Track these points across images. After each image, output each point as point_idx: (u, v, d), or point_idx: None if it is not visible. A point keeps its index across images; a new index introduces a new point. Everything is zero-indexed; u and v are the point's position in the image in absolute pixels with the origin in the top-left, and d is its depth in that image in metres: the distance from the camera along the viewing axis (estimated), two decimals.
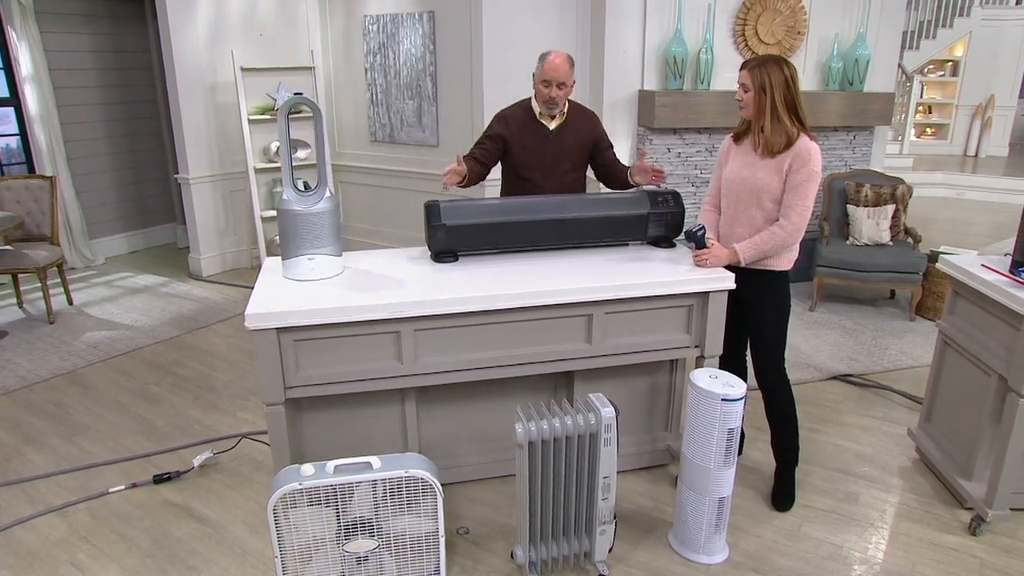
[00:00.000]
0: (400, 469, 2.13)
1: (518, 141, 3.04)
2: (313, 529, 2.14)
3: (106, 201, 6.33)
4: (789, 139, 2.51)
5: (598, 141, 3.14)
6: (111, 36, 6.13)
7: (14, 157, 5.88)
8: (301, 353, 2.35)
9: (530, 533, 2.33)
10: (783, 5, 4.88)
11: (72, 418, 3.51)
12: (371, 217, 6.20)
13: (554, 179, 3.08)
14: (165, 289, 5.48)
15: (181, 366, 4.09)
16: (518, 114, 3.07)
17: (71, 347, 4.35)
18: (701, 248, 2.63)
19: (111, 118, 6.25)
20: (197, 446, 3.21)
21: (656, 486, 2.92)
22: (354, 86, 5.94)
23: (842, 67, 5.06)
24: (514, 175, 3.12)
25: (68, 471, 3.06)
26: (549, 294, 2.44)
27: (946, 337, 2.92)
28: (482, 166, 3.03)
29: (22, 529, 2.69)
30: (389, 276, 2.60)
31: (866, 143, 5.36)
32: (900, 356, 4.09)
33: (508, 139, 3.04)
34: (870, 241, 4.75)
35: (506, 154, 3.08)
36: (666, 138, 5.03)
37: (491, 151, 3.05)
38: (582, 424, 2.24)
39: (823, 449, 3.18)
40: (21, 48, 5.51)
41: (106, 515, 2.77)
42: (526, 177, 3.08)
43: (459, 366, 2.49)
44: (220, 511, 2.78)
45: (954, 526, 2.67)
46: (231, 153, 5.71)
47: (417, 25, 5.39)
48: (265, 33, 5.71)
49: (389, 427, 2.75)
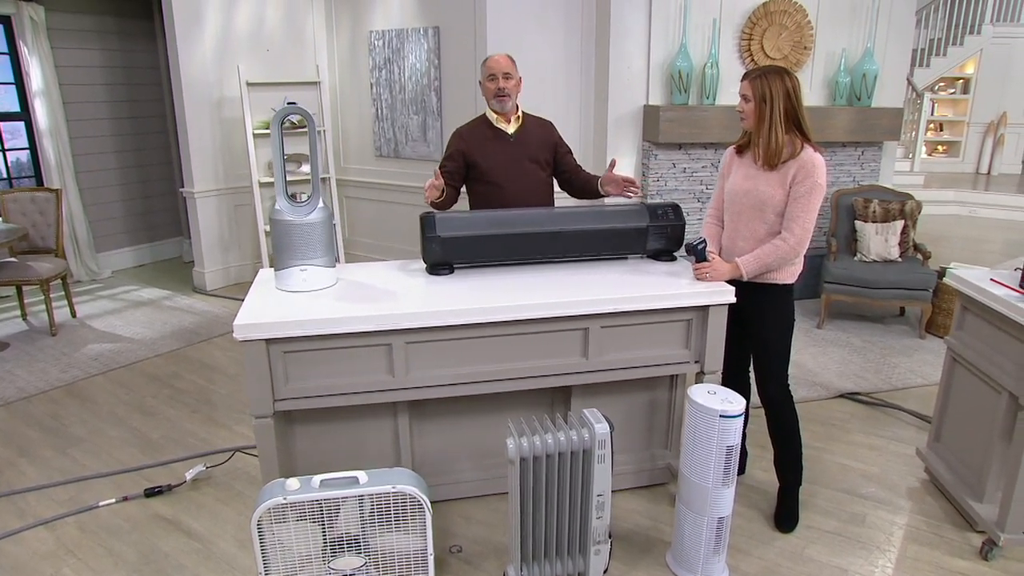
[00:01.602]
0: (387, 484, 2.08)
1: (479, 151, 3.05)
2: (299, 545, 2.09)
3: (113, 215, 6.36)
4: (792, 150, 2.46)
5: (557, 145, 3.20)
6: (121, 52, 6.20)
7: (24, 171, 5.92)
8: (291, 365, 2.31)
9: (522, 552, 2.26)
10: (789, 20, 4.86)
11: (68, 430, 3.49)
12: (375, 232, 6.18)
13: (520, 183, 3.07)
14: (168, 302, 5.48)
15: (179, 379, 4.07)
16: (474, 127, 3.13)
17: (71, 359, 4.34)
18: (702, 261, 2.58)
19: (119, 133, 6.30)
20: (190, 459, 3.17)
21: (655, 505, 2.84)
22: (360, 101, 5.96)
23: (849, 82, 5.01)
24: (481, 184, 3.10)
25: (60, 483, 3.02)
26: (543, 307, 2.39)
27: (954, 354, 2.84)
28: (452, 188, 3.06)
29: (9, 543, 2.65)
30: (382, 288, 2.57)
31: (874, 159, 5.30)
32: (909, 374, 4.00)
33: (468, 152, 3.07)
34: (878, 257, 4.68)
35: (471, 168, 3.09)
36: (671, 153, 5.00)
37: (454, 171, 3.08)
38: (576, 440, 2.19)
39: (829, 469, 3.10)
40: (32, 63, 5.57)
41: (95, 529, 2.72)
42: (492, 182, 3.06)
43: (452, 380, 2.44)
44: (210, 526, 2.73)
45: (965, 550, 2.58)
46: (236, 167, 5.73)
47: (422, 40, 5.40)
48: (272, 48, 5.75)
49: (381, 441, 2.70)
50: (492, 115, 3.10)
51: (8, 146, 5.79)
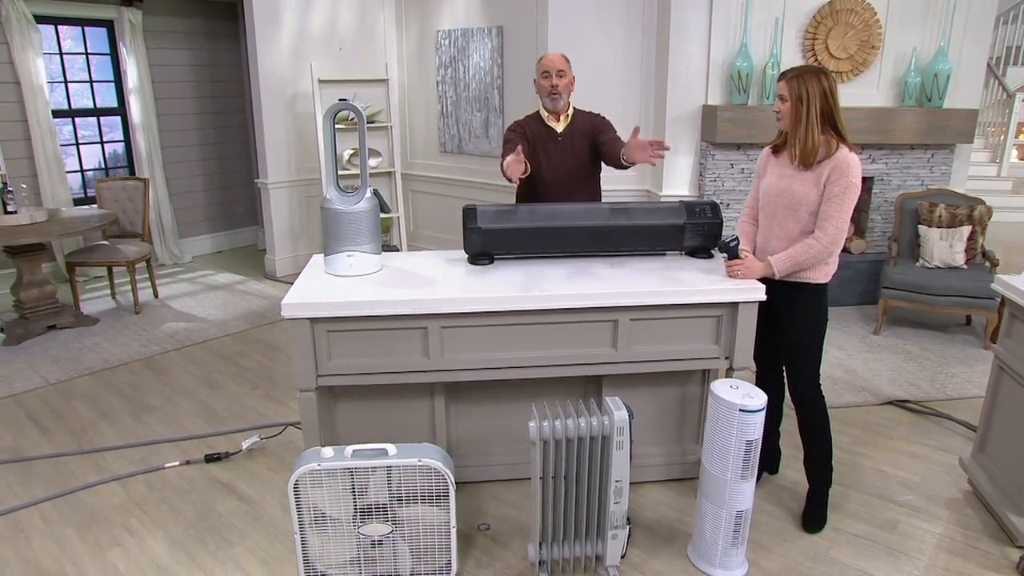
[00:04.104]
0: (414, 458, 2.22)
1: (530, 144, 3.13)
2: (331, 509, 2.25)
3: (196, 204, 6.81)
4: (827, 151, 2.47)
5: (597, 132, 3.17)
6: (208, 52, 6.63)
7: (119, 161, 6.42)
8: (333, 343, 2.48)
9: (542, 531, 2.36)
10: (856, 19, 4.75)
11: (144, 399, 3.80)
12: (439, 225, 6.39)
13: (566, 180, 3.15)
14: (241, 287, 5.83)
15: (245, 357, 4.35)
16: (528, 121, 3.24)
17: (151, 335, 4.70)
18: (734, 259, 2.61)
19: (204, 127, 6.73)
20: (248, 431, 3.42)
21: (683, 498, 2.89)
22: (426, 98, 6.17)
23: (920, 82, 4.85)
24: (527, 179, 3.18)
25: (133, 445, 3.32)
26: (571, 298, 2.48)
27: (1002, 363, 2.76)
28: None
29: (87, 494, 2.94)
30: (423, 275, 2.72)
31: (945, 162, 5.11)
32: (966, 384, 3.87)
33: (527, 138, 3.16)
34: (941, 263, 4.52)
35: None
36: (729, 153, 4.97)
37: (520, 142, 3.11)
38: (596, 426, 2.27)
39: (866, 474, 3.06)
40: (129, 63, 6.04)
41: (160, 487, 2.99)
42: (539, 179, 3.14)
43: (483, 364, 2.57)
44: (260, 491, 2.95)
45: (1001, 564, 2.51)
46: (307, 160, 6.04)
47: (487, 40, 5.55)
48: (344, 47, 6.02)
49: (418, 421, 2.85)
50: (544, 113, 3.20)
51: (107, 139, 6.30)
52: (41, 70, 5.48)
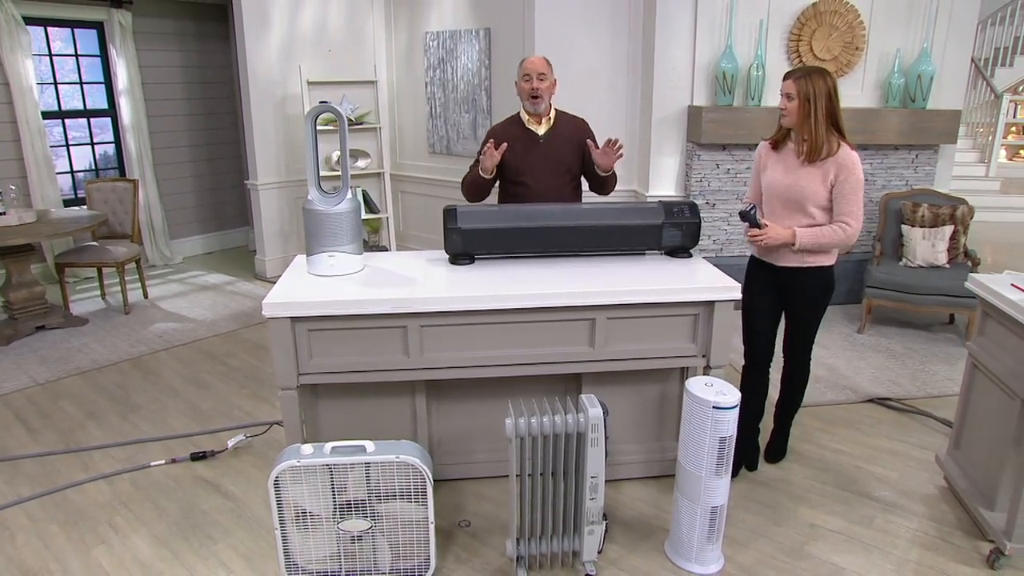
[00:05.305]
0: (392, 454, 2.25)
1: (510, 149, 3.14)
2: (311, 505, 2.28)
3: (186, 205, 6.83)
4: (830, 148, 2.62)
5: (587, 144, 3.21)
6: (197, 53, 6.65)
7: (109, 162, 6.44)
8: (314, 342, 2.51)
9: (519, 527, 2.39)
10: (840, 20, 4.79)
11: (131, 398, 3.83)
12: (428, 226, 6.41)
13: (547, 184, 3.18)
14: (231, 287, 5.86)
15: (233, 357, 4.38)
16: (507, 126, 3.26)
17: (140, 336, 4.73)
18: (755, 227, 2.68)
19: (194, 128, 6.76)
20: (233, 430, 3.44)
21: (661, 495, 2.92)
22: (415, 99, 6.20)
23: (903, 83, 4.90)
24: (508, 183, 3.23)
25: (120, 444, 3.34)
26: (548, 297, 2.52)
27: (975, 360, 2.80)
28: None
29: (74, 492, 2.97)
30: (404, 275, 2.75)
31: (929, 162, 5.16)
32: (947, 382, 3.91)
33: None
34: (924, 263, 4.56)
35: (502, 165, 3.19)
36: (715, 154, 5.01)
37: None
38: (571, 423, 2.30)
39: (844, 471, 3.10)
40: (119, 64, 6.06)
41: (146, 485, 3.02)
42: (519, 182, 3.18)
43: (462, 363, 2.60)
44: (244, 489, 2.98)
45: (972, 558, 2.56)
46: (297, 161, 6.06)
47: (474, 41, 5.59)
48: (333, 49, 6.05)
49: (400, 419, 2.88)
50: (525, 115, 3.23)
51: (97, 140, 6.31)
52: (30, 71, 5.50)
